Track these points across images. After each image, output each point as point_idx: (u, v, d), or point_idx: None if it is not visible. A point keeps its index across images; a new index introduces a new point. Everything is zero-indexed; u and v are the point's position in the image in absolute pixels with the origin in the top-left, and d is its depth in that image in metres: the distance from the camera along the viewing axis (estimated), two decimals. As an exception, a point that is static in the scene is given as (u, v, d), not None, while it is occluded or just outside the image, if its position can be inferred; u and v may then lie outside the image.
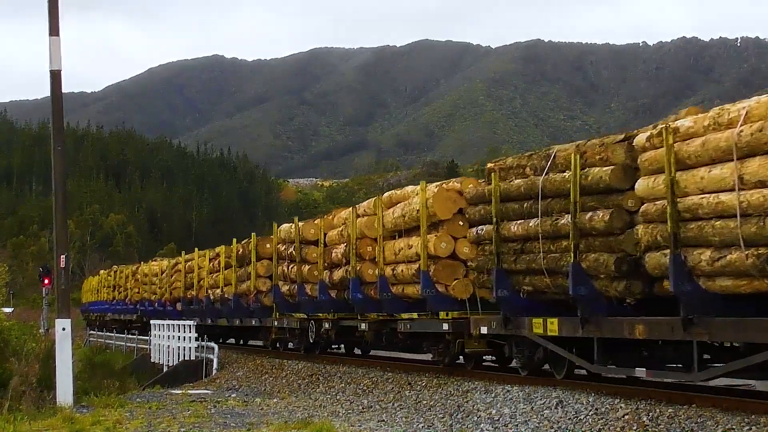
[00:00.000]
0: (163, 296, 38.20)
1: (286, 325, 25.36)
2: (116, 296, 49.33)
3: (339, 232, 22.12)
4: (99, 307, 56.23)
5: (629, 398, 12.88)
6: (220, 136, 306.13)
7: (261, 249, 27.08)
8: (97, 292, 57.40)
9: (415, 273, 18.09)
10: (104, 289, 53.55)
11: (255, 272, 26.93)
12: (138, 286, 43.38)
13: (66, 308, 18.94)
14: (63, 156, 19.42)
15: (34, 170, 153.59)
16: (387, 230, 19.48)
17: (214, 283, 31.31)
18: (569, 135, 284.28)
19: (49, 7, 19.36)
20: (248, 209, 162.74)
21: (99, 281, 57.17)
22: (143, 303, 42.02)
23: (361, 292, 20.23)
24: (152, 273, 41.34)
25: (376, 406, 16.40)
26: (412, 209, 18.39)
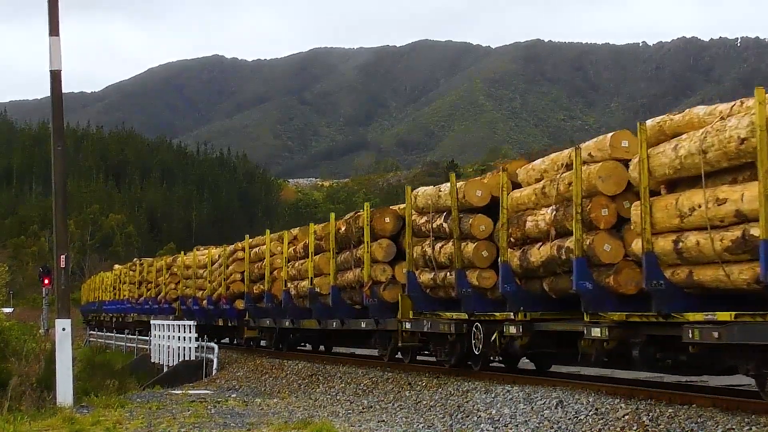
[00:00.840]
0: (215, 292, 31.62)
1: (428, 328, 18.09)
2: (144, 293, 42.91)
3: (536, 191, 15.35)
4: (117, 306, 49.68)
5: (629, 398, 12.88)
6: (220, 136, 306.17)
7: (378, 225, 20.43)
8: (114, 290, 51.00)
9: (736, 243, 10.92)
10: (124, 286, 47.39)
11: (370, 256, 20.29)
12: (176, 280, 37.19)
13: (66, 308, 18.94)
14: (63, 156, 19.42)
15: (34, 170, 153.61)
16: (656, 179, 12.59)
17: (296, 273, 24.82)
18: (569, 135, 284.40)
19: (49, 7, 19.36)
20: (248, 209, 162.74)
21: (117, 277, 50.67)
22: (184, 301, 35.44)
23: (592, 280, 13.67)
24: (198, 264, 34.65)
25: (376, 406, 16.40)
26: (727, 138, 11.12)
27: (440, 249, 17.64)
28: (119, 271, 50.86)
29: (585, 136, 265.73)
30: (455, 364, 17.70)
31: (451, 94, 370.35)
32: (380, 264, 20.32)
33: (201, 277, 33.90)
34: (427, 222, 18.19)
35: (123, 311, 47.85)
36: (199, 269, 34.38)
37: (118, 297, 49.62)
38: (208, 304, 32.01)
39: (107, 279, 54.79)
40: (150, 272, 42.04)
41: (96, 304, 58.54)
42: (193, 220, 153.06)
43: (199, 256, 35.07)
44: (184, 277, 36.17)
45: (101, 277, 58.27)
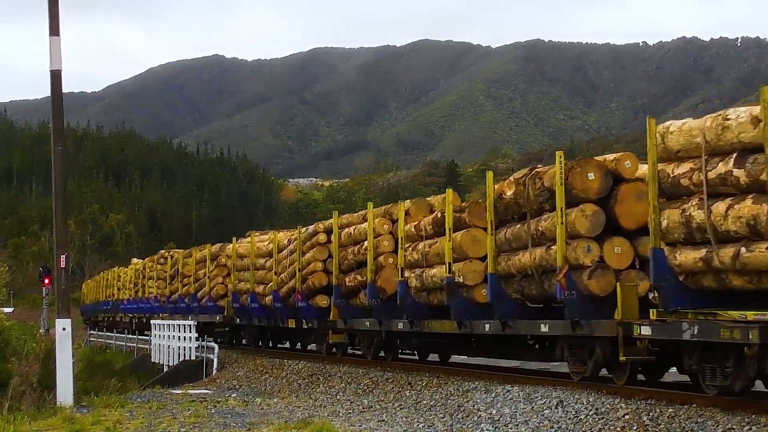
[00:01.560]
0: (283, 286, 25.34)
1: (695, 335, 11.59)
2: (179, 289, 35.89)
3: None
4: (139, 306, 43.31)
5: (629, 398, 12.88)
6: (220, 136, 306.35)
7: (578, 183, 14.14)
8: (135, 286, 44.58)
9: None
10: (150, 282, 41.10)
11: (565, 229, 14.06)
12: (224, 273, 31.03)
13: (66, 308, 18.94)
14: (63, 156, 19.42)
15: (34, 170, 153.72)
16: None
17: (418, 259, 18.57)
18: (569, 135, 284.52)
19: (50, 7, 19.36)
20: (248, 209, 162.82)
21: (138, 272, 44.43)
22: (237, 297, 29.20)
23: None
24: (258, 252, 28.14)
25: (376, 406, 16.41)
26: None
27: (727, 211, 11.08)
28: (142, 264, 44.19)
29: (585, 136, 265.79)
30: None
31: (451, 94, 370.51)
32: (582, 240, 13.96)
33: (262, 269, 27.36)
34: (692, 171, 11.73)
35: (148, 311, 40.77)
36: (260, 258, 27.75)
37: (141, 294, 42.88)
38: (275, 301, 25.74)
39: (126, 274, 48.38)
40: (187, 264, 34.81)
41: (109, 303, 52.42)
42: (193, 220, 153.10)
43: (258, 243, 28.43)
44: (237, 268, 29.47)
45: (116, 272, 51.71)
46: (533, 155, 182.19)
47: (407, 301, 18.88)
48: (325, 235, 23.38)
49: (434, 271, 17.81)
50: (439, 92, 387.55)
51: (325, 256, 23.24)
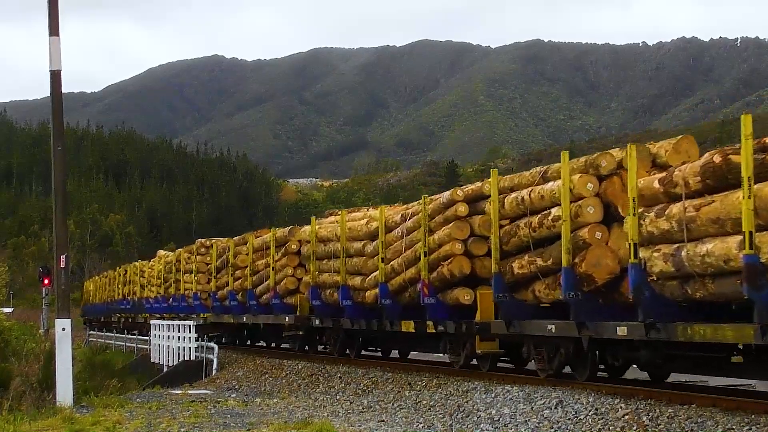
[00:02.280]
0: (394, 278, 19.37)
1: None
2: (229, 284, 29.12)
3: None
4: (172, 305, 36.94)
5: (629, 398, 12.88)
6: (220, 136, 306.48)
7: None
8: (165, 283, 38.37)
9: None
10: (186, 276, 34.93)
11: None
12: (294, 263, 25.15)
13: (66, 308, 18.95)
14: (63, 156, 19.42)
15: (34, 170, 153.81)
16: None
17: (673, 228, 12.05)
18: (569, 135, 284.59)
19: (49, 7, 19.38)
20: (248, 209, 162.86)
21: (169, 265, 37.85)
22: (317, 293, 23.02)
23: None
24: (351, 235, 21.79)
25: (376, 406, 16.41)
26: None
27: None
28: (175, 255, 37.43)
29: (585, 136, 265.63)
30: None
31: (451, 94, 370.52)
32: None
33: (358, 255, 21.26)
34: None
35: (183, 311, 34.79)
36: (355, 242, 21.56)
37: (174, 291, 36.66)
38: (382, 296, 19.59)
39: (152, 268, 41.91)
40: (240, 254, 28.51)
41: (129, 302, 45.70)
42: (193, 220, 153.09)
43: (351, 223, 22.25)
44: (318, 256, 23.25)
45: (138, 267, 45.15)
46: (533, 155, 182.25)
47: (644, 294, 12.63)
48: (466, 206, 17.46)
49: (707, 247, 11.33)
50: (439, 92, 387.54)
51: (466, 235, 17.37)
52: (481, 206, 17.10)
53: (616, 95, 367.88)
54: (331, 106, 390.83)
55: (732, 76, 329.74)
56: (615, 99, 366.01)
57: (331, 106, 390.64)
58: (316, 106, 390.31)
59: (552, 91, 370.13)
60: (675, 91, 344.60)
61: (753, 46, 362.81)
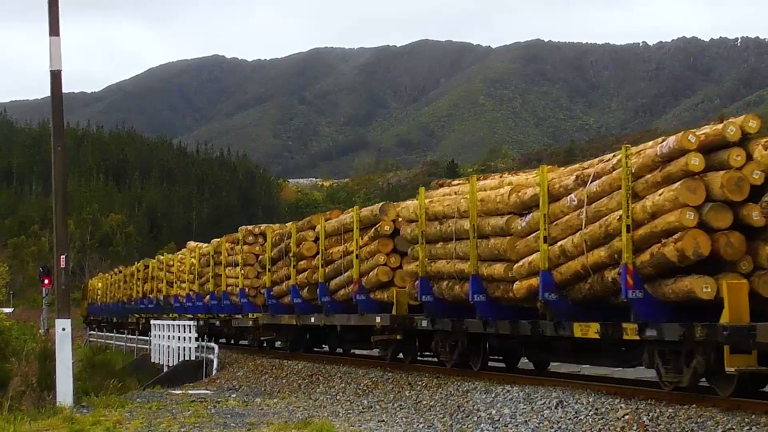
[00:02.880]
0: (563, 264, 14.27)
1: None
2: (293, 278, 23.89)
3: None
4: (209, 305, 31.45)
5: (629, 398, 12.88)
6: (220, 136, 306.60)
7: None
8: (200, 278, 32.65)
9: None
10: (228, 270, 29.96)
11: None
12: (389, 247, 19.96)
13: (66, 308, 18.94)
14: (63, 156, 19.42)
15: (34, 170, 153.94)
16: None
17: None
18: (569, 135, 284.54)
19: (49, 7, 19.37)
20: (248, 209, 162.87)
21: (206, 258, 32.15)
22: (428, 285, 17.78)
23: None
24: (485, 209, 16.33)
25: (376, 406, 16.41)
26: None
27: None
28: (213, 246, 31.70)
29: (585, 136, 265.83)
30: None
31: (451, 94, 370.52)
32: None
33: (501, 234, 15.76)
34: None
35: (226, 310, 30.08)
36: (491, 218, 16.05)
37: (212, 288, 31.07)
38: (546, 289, 14.50)
39: (181, 262, 36.06)
40: (306, 240, 23.61)
41: (152, 301, 40.55)
42: (193, 220, 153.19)
43: (484, 194, 16.41)
44: (429, 238, 17.74)
45: (164, 260, 39.42)
46: (533, 155, 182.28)
47: None
48: (701, 158, 12.07)
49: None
50: (439, 92, 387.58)
51: (700, 199, 11.96)
52: (721, 158, 12.00)
53: (616, 95, 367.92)
54: (331, 106, 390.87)
55: (732, 76, 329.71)
56: (615, 99, 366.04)
57: (331, 106, 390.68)
58: (316, 106, 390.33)
59: (552, 91, 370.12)
60: (675, 91, 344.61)
61: (753, 46, 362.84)
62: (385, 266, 19.83)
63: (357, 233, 20.62)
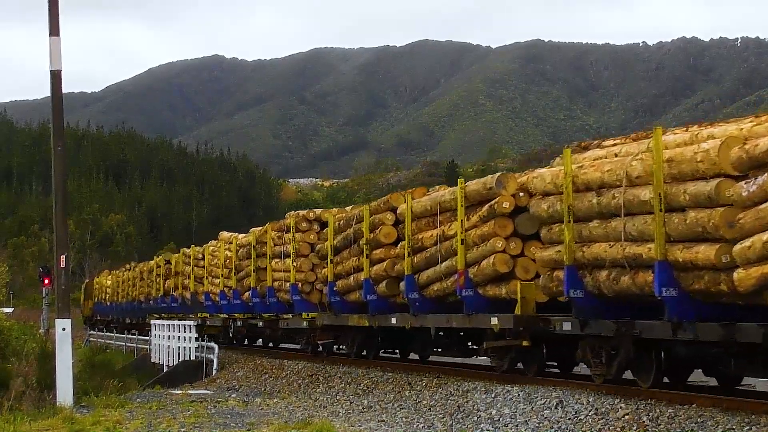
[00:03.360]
0: None
1: None
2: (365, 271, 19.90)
3: None
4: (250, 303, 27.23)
5: (629, 398, 12.88)
6: (220, 136, 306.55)
7: None
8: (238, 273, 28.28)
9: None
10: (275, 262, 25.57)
11: None
12: (508, 229, 15.65)
13: (66, 308, 18.94)
14: (63, 156, 19.42)
15: (34, 170, 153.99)
16: None
17: None
18: (569, 135, 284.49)
19: (49, 7, 19.38)
20: (248, 209, 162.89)
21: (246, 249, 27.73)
22: (577, 276, 13.51)
23: None
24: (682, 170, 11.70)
25: (376, 406, 16.40)
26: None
27: None
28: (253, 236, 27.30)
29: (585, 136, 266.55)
30: None
31: (451, 94, 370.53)
32: None
33: (705, 205, 11.44)
34: None
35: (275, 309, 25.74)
36: (688, 184, 11.72)
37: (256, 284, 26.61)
38: None
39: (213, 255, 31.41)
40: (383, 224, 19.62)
41: (175, 300, 36.03)
42: (193, 220, 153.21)
43: (668, 152, 12.06)
44: (578, 215, 13.61)
45: (192, 253, 33.88)
46: (533, 155, 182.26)
47: None
48: None
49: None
50: (439, 92, 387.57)
51: None
52: None
53: (616, 95, 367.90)
54: (331, 106, 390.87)
55: (732, 76, 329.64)
56: (615, 99, 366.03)
57: (331, 106, 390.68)
58: (316, 106, 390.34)
59: (552, 91, 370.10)
60: (675, 91, 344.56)
61: (753, 46, 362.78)
62: (504, 253, 15.57)
63: (462, 212, 16.44)
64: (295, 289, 24.16)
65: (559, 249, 13.84)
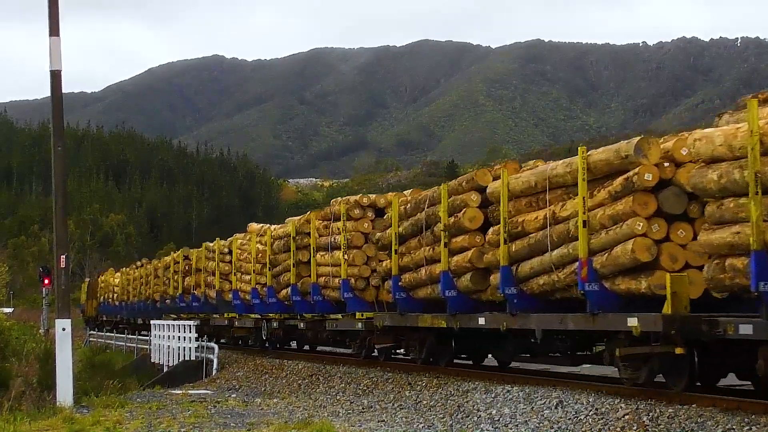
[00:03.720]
0: None
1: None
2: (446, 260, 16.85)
3: None
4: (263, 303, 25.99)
5: (629, 398, 12.87)
6: (220, 136, 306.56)
7: None
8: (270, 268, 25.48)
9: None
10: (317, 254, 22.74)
11: None
12: (650, 207, 12.65)
13: (66, 308, 18.93)
14: (63, 156, 19.41)
15: (34, 170, 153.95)
16: None
17: None
18: (569, 135, 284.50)
19: (49, 7, 19.37)
20: (248, 209, 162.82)
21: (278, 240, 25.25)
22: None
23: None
24: None
25: (376, 406, 16.39)
26: None
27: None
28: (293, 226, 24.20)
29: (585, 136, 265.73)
30: None
31: (451, 94, 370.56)
32: None
33: None
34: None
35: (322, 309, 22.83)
36: None
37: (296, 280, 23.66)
38: None
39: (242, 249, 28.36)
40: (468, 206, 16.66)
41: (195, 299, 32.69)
42: (193, 220, 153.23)
43: None
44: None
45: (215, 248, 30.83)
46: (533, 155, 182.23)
47: None
48: None
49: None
50: (439, 92, 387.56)
51: None
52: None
53: (616, 95, 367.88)
54: (331, 106, 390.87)
55: (732, 76, 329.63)
56: (615, 99, 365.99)
57: (331, 106, 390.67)
58: (316, 106, 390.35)
59: (552, 91, 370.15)
60: (675, 91, 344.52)
61: (753, 46, 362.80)
62: (645, 238, 12.59)
63: (584, 188, 13.43)
64: (346, 285, 21.14)
65: (738, 230, 10.80)
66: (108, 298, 52.35)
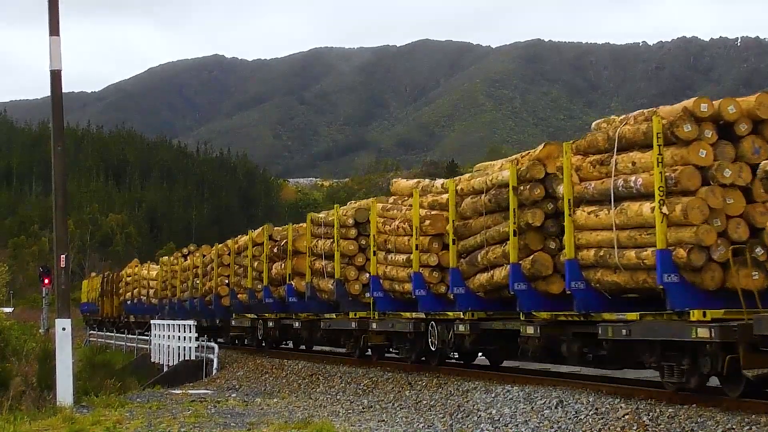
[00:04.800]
0: None
1: None
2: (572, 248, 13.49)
3: None
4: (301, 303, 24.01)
5: (629, 398, 12.88)
6: (220, 136, 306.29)
7: None
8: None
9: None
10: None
11: None
12: None
13: (66, 308, 18.94)
14: (63, 156, 19.42)
15: (34, 170, 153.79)
16: None
17: None
18: (569, 135, 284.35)
19: (50, 7, 19.38)
20: (248, 209, 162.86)
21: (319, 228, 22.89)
22: None
23: None
24: None
25: (376, 406, 16.40)
26: None
27: None
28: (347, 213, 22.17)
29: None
30: None
31: (451, 94, 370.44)
32: None
33: None
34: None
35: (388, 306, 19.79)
36: None
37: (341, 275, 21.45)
38: None
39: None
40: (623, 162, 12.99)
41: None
42: (193, 220, 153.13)
43: None
44: None
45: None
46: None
47: None
48: None
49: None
50: (439, 92, 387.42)
51: None
52: None
53: (616, 95, 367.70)
54: (331, 106, 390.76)
55: (732, 76, 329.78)
56: (615, 99, 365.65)
57: (331, 106, 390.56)
58: (316, 106, 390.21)
59: (552, 91, 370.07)
60: (675, 91, 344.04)
61: (753, 46, 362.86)
62: None
63: None
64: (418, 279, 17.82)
65: None
66: (137, 295, 44.32)
